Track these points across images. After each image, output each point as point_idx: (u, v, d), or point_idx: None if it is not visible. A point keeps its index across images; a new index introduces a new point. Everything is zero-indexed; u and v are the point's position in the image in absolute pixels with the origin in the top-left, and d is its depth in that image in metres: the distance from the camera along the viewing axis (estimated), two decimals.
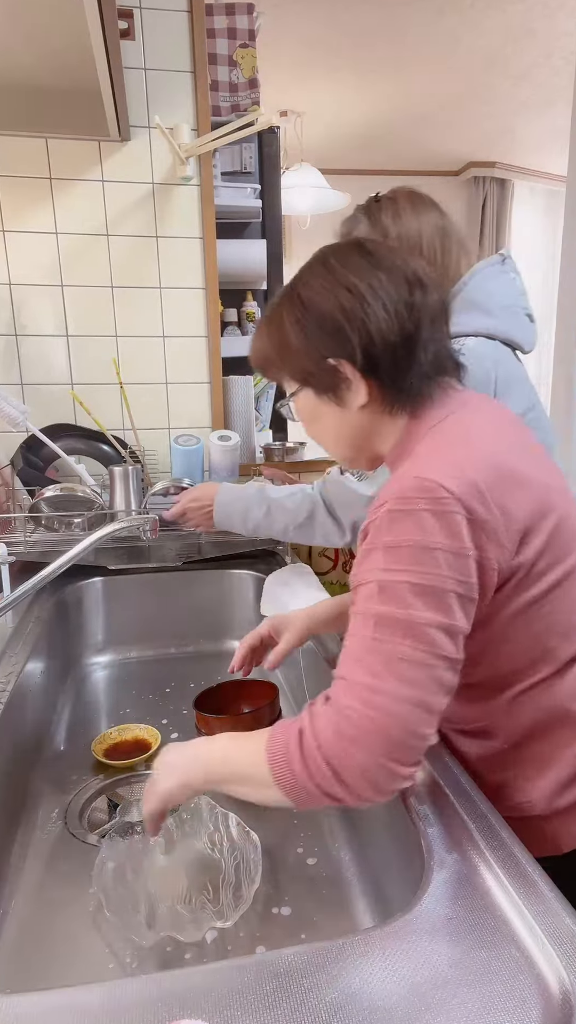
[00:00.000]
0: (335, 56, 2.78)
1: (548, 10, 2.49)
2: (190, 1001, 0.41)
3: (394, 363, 0.66)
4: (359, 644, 0.57)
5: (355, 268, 0.66)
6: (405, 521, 0.58)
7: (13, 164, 1.39)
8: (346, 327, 0.65)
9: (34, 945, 0.66)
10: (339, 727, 0.54)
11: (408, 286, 0.66)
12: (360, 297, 0.65)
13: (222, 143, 1.34)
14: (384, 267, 0.66)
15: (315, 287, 0.67)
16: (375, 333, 0.65)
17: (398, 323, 0.65)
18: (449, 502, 0.57)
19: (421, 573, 0.56)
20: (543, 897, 0.49)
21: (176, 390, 1.56)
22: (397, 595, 0.56)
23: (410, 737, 0.54)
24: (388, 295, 0.65)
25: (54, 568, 0.85)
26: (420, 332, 0.65)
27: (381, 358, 0.66)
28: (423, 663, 0.55)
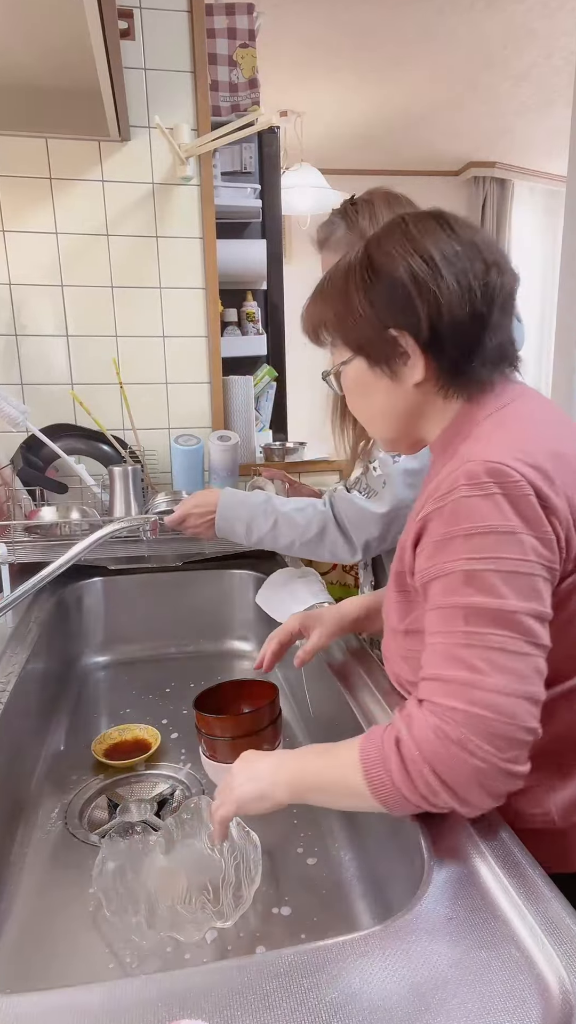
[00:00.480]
0: (335, 56, 2.77)
1: (548, 10, 2.49)
2: (190, 1001, 0.41)
3: (459, 343, 0.64)
4: (450, 640, 0.55)
5: (433, 237, 0.63)
6: (482, 506, 0.55)
7: (13, 164, 1.39)
8: (416, 297, 0.62)
9: (34, 945, 0.66)
10: (442, 731, 0.51)
11: (485, 265, 0.63)
12: (435, 268, 0.62)
13: (222, 143, 1.34)
14: (464, 241, 0.63)
15: (389, 251, 0.64)
16: (445, 308, 0.62)
17: (470, 301, 0.62)
18: (523, 485, 0.55)
19: (508, 560, 0.54)
20: (543, 897, 0.49)
21: (176, 390, 1.56)
22: (486, 584, 0.54)
23: (520, 732, 0.52)
24: (464, 270, 0.62)
25: (54, 568, 0.85)
26: (491, 315, 0.63)
27: (447, 336, 0.63)
28: (523, 653, 0.53)
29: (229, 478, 1.40)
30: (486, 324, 0.63)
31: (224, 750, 0.81)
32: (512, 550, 0.54)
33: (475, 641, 0.53)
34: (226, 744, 0.81)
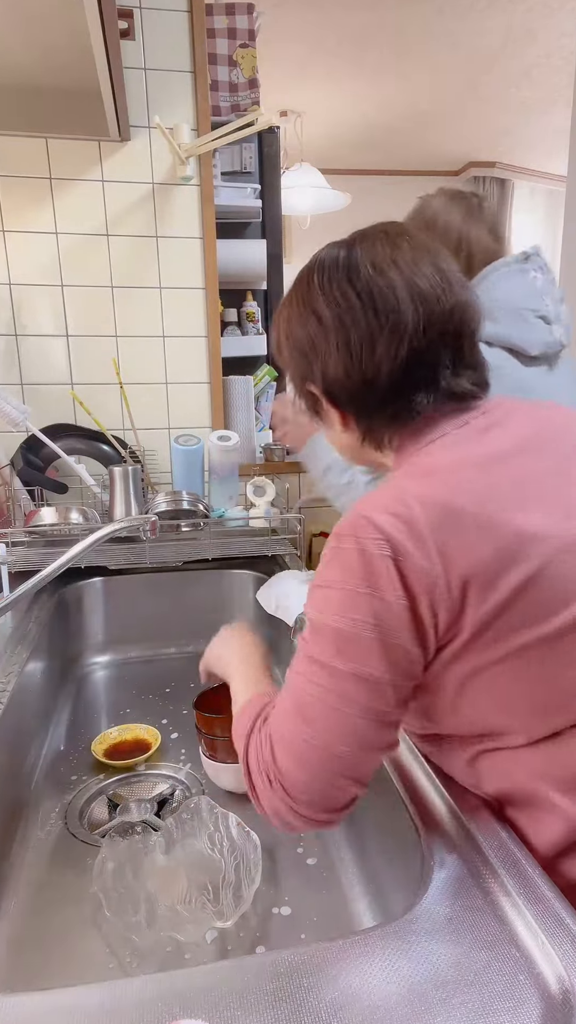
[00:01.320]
0: (335, 56, 2.78)
1: (548, 10, 2.49)
2: (190, 1001, 0.41)
3: (353, 401, 0.63)
4: (292, 678, 0.57)
5: (333, 292, 0.61)
6: (335, 561, 0.55)
7: (13, 164, 1.39)
8: (311, 357, 0.63)
9: (34, 945, 0.66)
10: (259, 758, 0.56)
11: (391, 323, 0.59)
12: (326, 329, 0.61)
13: (222, 143, 1.34)
14: (370, 295, 0.59)
15: (293, 308, 0.65)
16: (332, 371, 0.62)
17: (358, 365, 0.60)
18: (377, 543, 0.52)
19: (345, 619, 0.53)
20: (543, 897, 0.49)
21: (176, 390, 1.56)
22: (324, 639, 0.54)
23: (329, 787, 0.53)
24: (358, 333, 0.60)
25: (54, 568, 0.85)
26: (381, 376, 0.60)
27: (339, 395, 0.64)
28: (341, 713, 0.52)
29: (229, 478, 1.40)
30: (378, 384, 0.61)
31: (224, 750, 0.81)
32: (350, 611, 0.53)
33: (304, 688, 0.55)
34: (226, 744, 0.81)
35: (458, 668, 0.55)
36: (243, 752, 0.59)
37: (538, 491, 0.56)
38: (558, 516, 0.55)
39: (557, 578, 0.53)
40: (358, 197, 4.05)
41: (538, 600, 0.53)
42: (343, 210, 3.53)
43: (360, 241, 0.64)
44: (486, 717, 0.57)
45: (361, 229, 0.66)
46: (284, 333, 0.66)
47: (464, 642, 0.53)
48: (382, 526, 0.52)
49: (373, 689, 0.52)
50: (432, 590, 0.52)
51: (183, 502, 1.30)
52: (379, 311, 0.59)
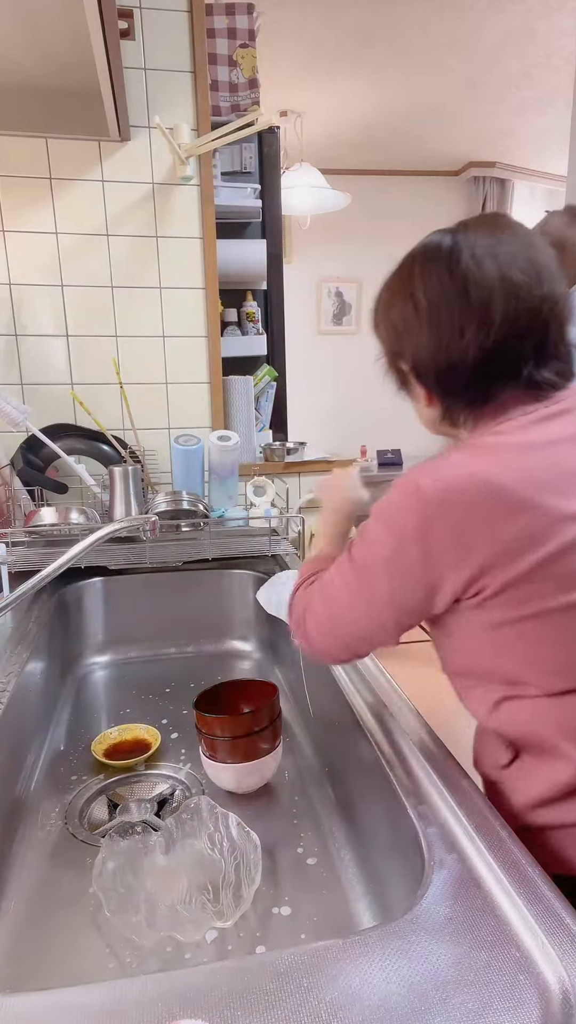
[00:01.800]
0: (335, 56, 2.78)
1: (548, 10, 2.49)
2: (190, 1001, 0.41)
3: (438, 382, 0.68)
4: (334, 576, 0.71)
5: (431, 279, 0.65)
6: (383, 506, 0.65)
7: (13, 164, 1.39)
8: (404, 337, 0.68)
9: (34, 945, 0.66)
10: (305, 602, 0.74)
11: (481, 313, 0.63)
12: (420, 313, 0.65)
13: (222, 143, 1.34)
14: (465, 284, 0.63)
15: (394, 290, 0.69)
16: (422, 352, 0.67)
17: (446, 350, 0.65)
18: (428, 504, 0.60)
19: (376, 555, 0.65)
20: (543, 897, 0.49)
21: (176, 390, 1.56)
22: (371, 549, 0.66)
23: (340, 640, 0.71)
24: (449, 319, 0.64)
25: (54, 568, 0.85)
26: (466, 362, 0.64)
27: (426, 374, 0.68)
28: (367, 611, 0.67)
29: (229, 478, 1.40)
30: (466, 369, 0.65)
31: (224, 750, 0.81)
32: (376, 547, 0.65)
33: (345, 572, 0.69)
34: (226, 744, 0.81)
35: (484, 617, 0.63)
36: (293, 594, 0.77)
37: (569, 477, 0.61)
38: None
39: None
40: (358, 197, 4.05)
41: (564, 574, 0.59)
42: (343, 210, 3.54)
43: (463, 230, 0.66)
44: (510, 666, 0.64)
45: (466, 219, 0.69)
46: (382, 312, 0.71)
47: (486, 598, 0.61)
48: (426, 489, 0.60)
49: (381, 605, 0.65)
50: (457, 549, 0.60)
51: (183, 502, 1.30)
52: (471, 300, 0.63)
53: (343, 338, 4.47)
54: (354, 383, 4.51)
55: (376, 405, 4.53)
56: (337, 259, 4.31)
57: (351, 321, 4.45)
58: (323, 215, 3.68)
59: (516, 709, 0.65)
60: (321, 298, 4.37)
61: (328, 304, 4.40)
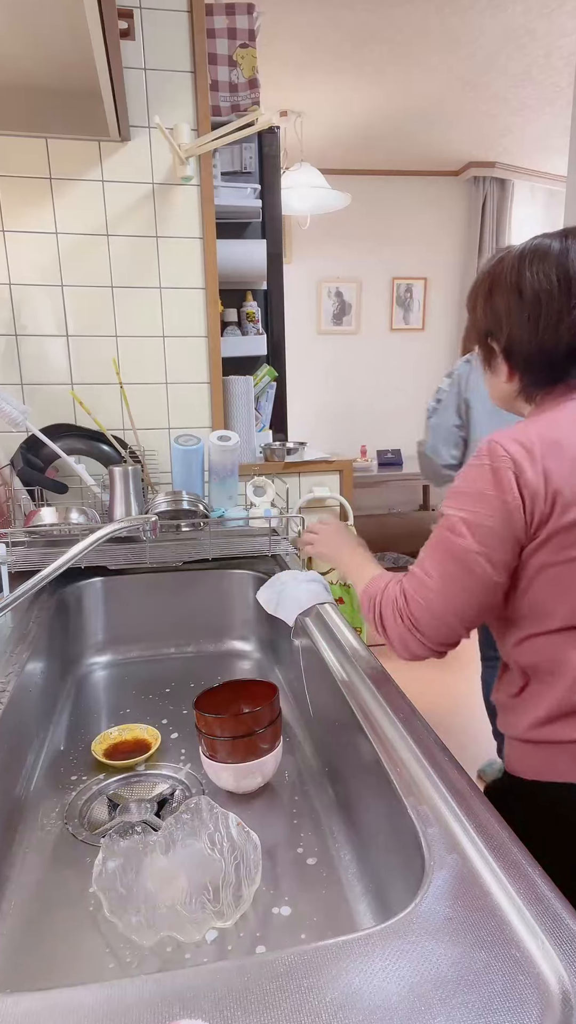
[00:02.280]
0: (335, 56, 2.78)
1: (548, 10, 2.49)
2: (190, 1001, 0.41)
3: (526, 363, 0.80)
4: (427, 552, 0.79)
5: (538, 274, 0.76)
6: (472, 472, 0.76)
7: (13, 164, 1.39)
8: (504, 320, 0.79)
9: (34, 945, 0.66)
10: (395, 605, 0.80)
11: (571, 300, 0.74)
12: (524, 302, 0.76)
13: (222, 143, 1.34)
14: (569, 282, 0.74)
15: (500, 278, 0.79)
16: (517, 335, 0.78)
17: (541, 335, 0.77)
18: (504, 460, 0.73)
19: (472, 512, 0.75)
20: (543, 897, 0.49)
21: (176, 390, 1.56)
22: (453, 526, 0.76)
23: (445, 628, 0.77)
24: (549, 311, 0.75)
25: (54, 568, 0.85)
26: (559, 348, 0.76)
27: (516, 355, 0.80)
28: (466, 581, 0.75)
29: (229, 478, 1.40)
30: (550, 355, 0.78)
31: (224, 750, 0.81)
32: (479, 505, 0.74)
33: (435, 560, 0.77)
34: (226, 744, 0.81)
35: (535, 560, 0.75)
36: (375, 604, 0.83)
37: None
38: None
39: None
40: (358, 197, 4.05)
41: None
42: (343, 210, 3.54)
43: (570, 236, 0.77)
44: (543, 602, 0.76)
45: (569, 227, 0.79)
46: (483, 297, 0.82)
47: (541, 542, 0.74)
48: (509, 448, 0.73)
49: (487, 560, 0.74)
50: (535, 498, 0.72)
51: (183, 502, 1.30)
52: (572, 296, 0.75)
53: (343, 338, 4.47)
54: (354, 383, 4.51)
55: (376, 405, 4.54)
56: (337, 259, 4.31)
57: (351, 321, 4.45)
58: (323, 215, 3.68)
59: (539, 642, 0.78)
60: (321, 298, 4.37)
61: (328, 304, 4.40)
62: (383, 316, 4.48)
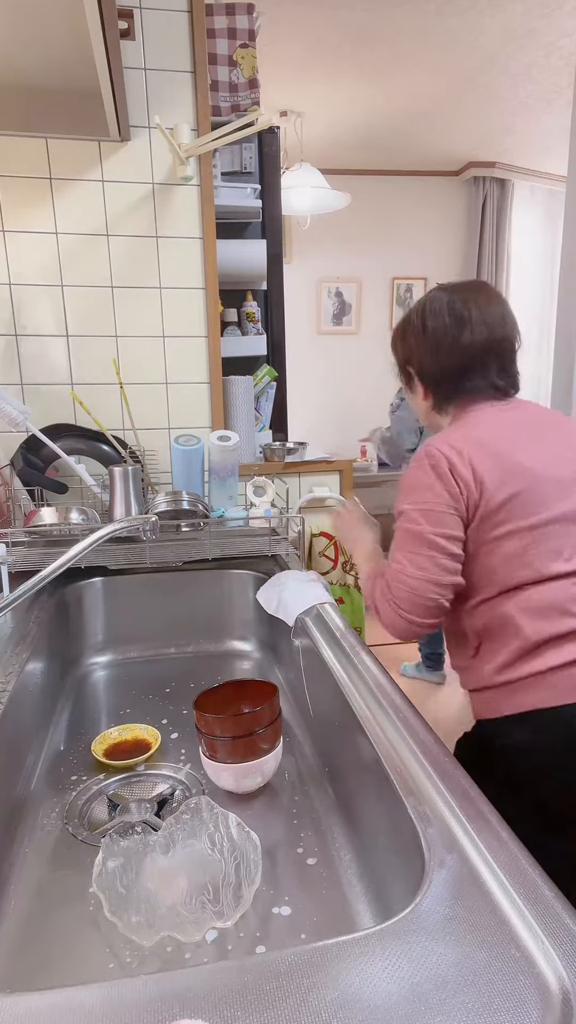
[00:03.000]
0: (335, 56, 2.77)
1: (548, 10, 2.49)
2: (190, 1001, 0.41)
3: (433, 381, 1.05)
4: (396, 545, 0.96)
5: (437, 315, 1.01)
6: (417, 472, 0.95)
7: (13, 164, 1.39)
8: (414, 350, 1.05)
9: (34, 945, 0.66)
10: (384, 591, 0.96)
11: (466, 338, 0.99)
12: (427, 336, 1.02)
13: (222, 143, 1.34)
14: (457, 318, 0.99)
15: (408, 320, 1.06)
16: (424, 360, 1.04)
17: (440, 360, 1.02)
18: (440, 458, 0.93)
19: (424, 502, 0.93)
20: (543, 897, 0.49)
21: (176, 390, 1.56)
22: (411, 517, 0.94)
23: (421, 600, 0.92)
24: (444, 339, 1.00)
25: (54, 568, 0.85)
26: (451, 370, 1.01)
27: (425, 376, 1.05)
28: (431, 558, 0.92)
29: (229, 478, 1.40)
30: (448, 374, 1.02)
31: (224, 750, 0.81)
32: (427, 495, 0.93)
33: (404, 548, 0.94)
34: (226, 744, 0.81)
35: (475, 537, 0.93)
36: (370, 590, 1.00)
37: (529, 444, 0.96)
38: (541, 460, 0.94)
39: (536, 494, 0.92)
40: (358, 197, 4.05)
41: (522, 504, 0.92)
42: (343, 210, 3.54)
43: (455, 290, 1.02)
44: (486, 572, 0.94)
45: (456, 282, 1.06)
46: (399, 336, 1.08)
47: (478, 523, 0.92)
48: (442, 449, 0.94)
49: (442, 537, 0.92)
50: (468, 485, 0.92)
51: (183, 502, 1.30)
52: (461, 330, 0.99)
53: (343, 338, 4.47)
54: (354, 383, 4.51)
55: (376, 405, 4.53)
56: (337, 259, 4.31)
57: (351, 321, 4.45)
58: (323, 215, 3.68)
59: (486, 607, 0.95)
60: (321, 298, 4.37)
61: (328, 304, 4.40)
62: (383, 316, 4.47)
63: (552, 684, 0.90)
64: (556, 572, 0.91)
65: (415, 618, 0.93)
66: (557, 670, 0.90)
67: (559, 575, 0.91)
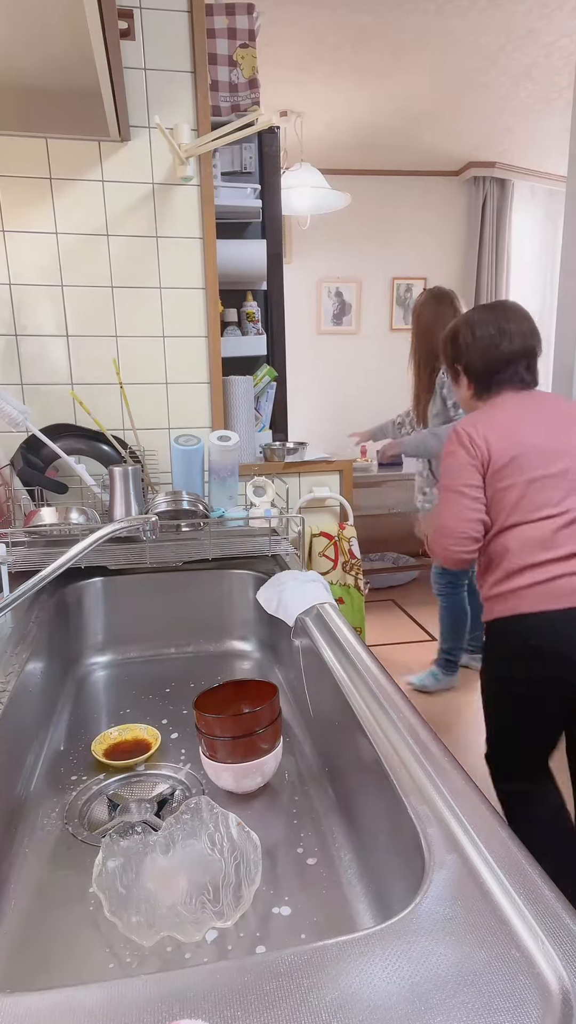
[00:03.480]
0: (335, 56, 2.77)
1: (548, 10, 2.49)
2: (190, 1001, 0.41)
3: (477, 377, 1.41)
4: (439, 506, 1.36)
5: (483, 326, 1.38)
6: (449, 445, 1.35)
7: (13, 164, 1.39)
8: (464, 352, 1.41)
9: (34, 945, 0.66)
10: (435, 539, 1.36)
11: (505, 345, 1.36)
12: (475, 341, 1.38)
13: (222, 143, 1.34)
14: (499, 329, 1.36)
15: (457, 329, 1.43)
16: (471, 360, 1.40)
17: (484, 361, 1.38)
18: (462, 434, 1.32)
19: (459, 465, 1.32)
20: (543, 897, 0.49)
21: (176, 390, 1.56)
22: (447, 475, 1.34)
23: (458, 534, 1.31)
24: (490, 346, 1.37)
25: (54, 568, 0.85)
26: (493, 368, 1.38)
27: (471, 372, 1.42)
28: (460, 502, 1.30)
29: (229, 478, 1.40)
30: (489, 371, 1.39)
31: (224, 750, 0.81)
32: (458, 458, 1.32)
33: (446, 504, 1.33)
34: (226, 744, 0.81)
35: (488, 489, 1.30)
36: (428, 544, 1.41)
37: (534, 423, 1.31)
38: (539, 435, 1.29)
39: (531, 459, 1.27)
40: (358, 197, 4.05)
41: (520, 465, 1.27)
42: (343, 210, 3.54)
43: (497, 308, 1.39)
44: (495, 515, 1.30)
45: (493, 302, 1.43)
46: (450, 340, 1.44)
47: (488, 478, 1.29)
48: (464, 427, 1.33)
49: (469, 488, 1.30)
50: (481, 452, 1.29)
51: (183, 502, 1.30)
52: (501, 338, 1.36)
53: (343, 338, 4.46)
54: (354, 383, 4.51)
55: (376, 405, 4.53)
56: (337, 259, 4.31)
57: (351, 321, 4.45)
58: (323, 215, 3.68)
59: (494, 540, 1.32)
60: (321, 298, 4.37)
61: (328, 304, 4.40)
62: (383, 316, 4.47)
63: (524, 597, 1.27)
64: (543, 515, 1.26)
65: (459, 548, 1.31)
66: (531, 587, 1.26)
67: (545, 517, 1.26)
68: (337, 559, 1.66)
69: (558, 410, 1.33)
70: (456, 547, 1.30)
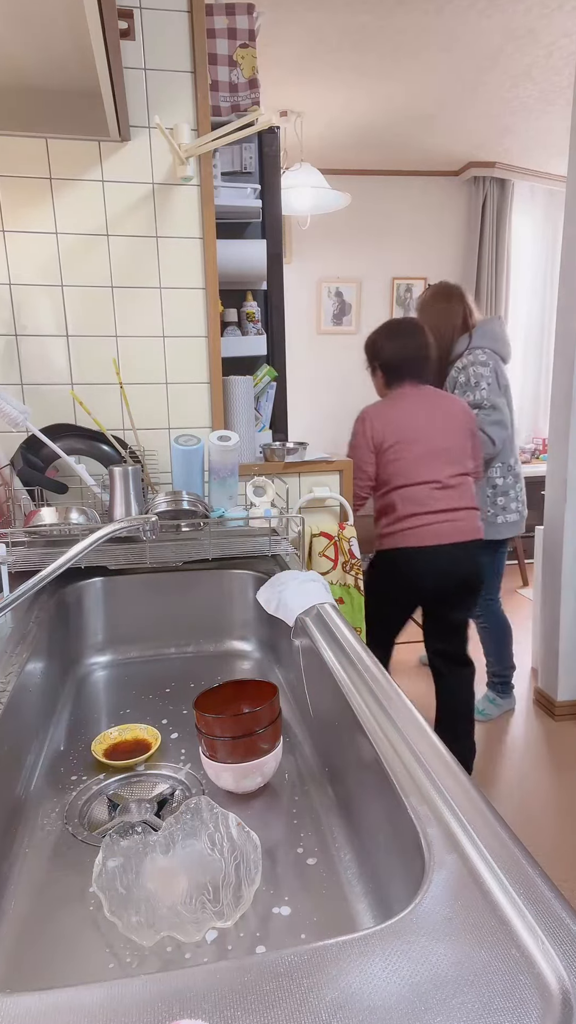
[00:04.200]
0: (335, 56, 2.77)
1: (548, 10, 2.49)
2: (190, 1001, 0.41)
3: (387, 371, 1.98)
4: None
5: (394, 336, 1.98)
6: (355, 426, 1.94)
7: (13, 164, 1.39)
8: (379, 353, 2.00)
9: (34, 945, 0.66)
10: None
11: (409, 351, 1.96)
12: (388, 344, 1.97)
13: (222, 143, 1.34)
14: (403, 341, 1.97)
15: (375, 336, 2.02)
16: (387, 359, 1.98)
17: (393, 362, 1.97)
18: (364, 419, 1.91)
19: (359, 447, 1.92)
20: (543, 897, 0.49)
21: (176, 390, 1.56)
22: (351, 449, 1.95)
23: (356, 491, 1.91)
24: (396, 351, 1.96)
25: (54, 568, 0.85)
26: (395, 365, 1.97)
27: (384, 367, 1.99)
28: (359, 477, 1.91)
29: (229, 478, 1.40)
30: (393, 368, 1.97)
31: (224, 750, 0.81)
32: (357, 440, 1.92)
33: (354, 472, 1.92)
34: (226, 744, 0.81)
35: (379, 461, 1.91)
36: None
37: (417, 413, 1.90)
38: (420, 421, 1.89)
39: (412, 440, 1.88)
40: (358, 197, 4.05)
41: (404, 443, 1.87)
42: (343, 210, 3.54)
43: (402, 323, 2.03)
44: (385, 479, 1.90)
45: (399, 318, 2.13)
46: (370, 345, 2.02)
47: (378, 455, 1.90)
48: (365, 415, 1.93)
49: (367, 463, 1.92)
50: (374, 436, 1.90)
51: (183, 502, 1.30)
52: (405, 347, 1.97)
53: (343, 338, 4.47)
54: (354, 383, 4.51)
55: None
56: (337, 259, 4.31)
57: (351, 321, 4.45)
58: (323, 215, 3.68)
59: (384, 496, 1.91)
60: (321, 298, 4.37)
61: (328, 304, 4.40)
62: (383, 316, 4.47)
63: (405, 535, 1.88)
64: (419, 480, 1.85)
65: (359, 495, 1.93)
66: (410, 529, 1.87)
67: (423, 482, 1.85)
68: (337, 559, 1.66)
69: (436, 404, 1.91)
70: (355, 501, 1.89)
